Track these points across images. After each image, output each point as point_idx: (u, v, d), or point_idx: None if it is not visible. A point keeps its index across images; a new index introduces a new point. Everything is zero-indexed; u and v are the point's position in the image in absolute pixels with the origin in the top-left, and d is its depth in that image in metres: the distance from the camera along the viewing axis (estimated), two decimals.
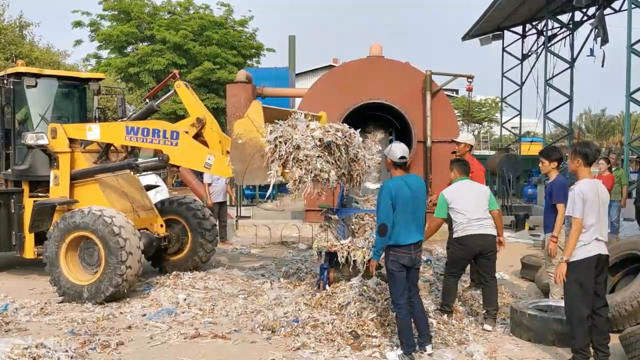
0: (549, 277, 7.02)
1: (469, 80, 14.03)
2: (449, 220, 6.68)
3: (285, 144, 6.45)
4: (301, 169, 6.40)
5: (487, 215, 6.48)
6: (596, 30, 17.76)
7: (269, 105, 7.31)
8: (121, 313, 6.95)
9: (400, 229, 5.36)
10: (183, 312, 6.95)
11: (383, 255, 5.51)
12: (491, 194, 6.72)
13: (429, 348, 5.52)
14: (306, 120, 6.90)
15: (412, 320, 5.52)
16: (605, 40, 17.75)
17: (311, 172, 6.38)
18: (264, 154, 6.49)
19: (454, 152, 8.40)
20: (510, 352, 5.69)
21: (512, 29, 25.15)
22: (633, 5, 14.84)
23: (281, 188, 16.41)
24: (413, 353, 5.36)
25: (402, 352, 5.37)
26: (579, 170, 5.26)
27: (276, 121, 6.77)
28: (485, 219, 6.44)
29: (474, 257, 6.54)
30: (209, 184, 11.61)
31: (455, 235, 6.53)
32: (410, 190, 5.41)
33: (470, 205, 6.44)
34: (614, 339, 5.65)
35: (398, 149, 5.53)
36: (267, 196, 13.09)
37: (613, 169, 11.50)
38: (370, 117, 12.77)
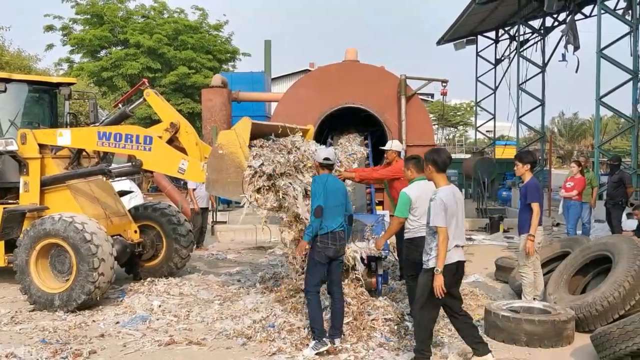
0: (520, 278, 7.12)
1: (444, 84, 14.16)
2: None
3: (264, 175, 6.50)
4: (275, 199, 6.57)
5: None
6: (567, 36, 18.09)
7: (259, 121, 7.33)
8: (94, 321, 6.84)
9: (330, 217, 5.72)
10: (157, 319, 6.87)
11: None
12: None
13: (337, 341, 5.74)
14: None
15: (330, 313, 5.90)
16: (577, 47, 18.09)
17: (285, 201, 6.55)
18: (238, 171, 6.52)
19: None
20: None
21: (486, 34, 25.50)
22: (603, 11, 15.15)
23: None
24: (324, 339, 5.63)
25: (314, 342, 5.62)
26: (434, 177, 5.29)
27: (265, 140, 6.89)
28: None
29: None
30: (194, 189, 11.47)
31: (408, 236, 6.26)
32: (337, 187, 5.91)
33: (425, 207, 6.37)
34: (586, 339, 5.75)
35: (323, 152, 6.00)
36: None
37: (584, 171, 11.70)
38: (348, 119, 12.82)
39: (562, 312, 6.10)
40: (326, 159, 5.92)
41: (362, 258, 6.86)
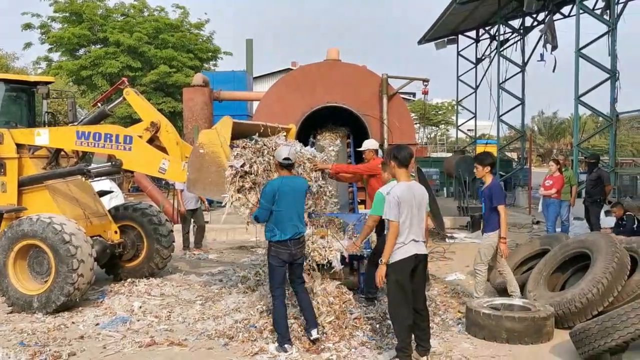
0: (475, 274, 7.23)
1: (425, 83, 14.21)
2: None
3: (246, 175, 6.47)
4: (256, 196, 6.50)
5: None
6: (545, 36, 18.29)
7: (240, 121, 7.29)
8: (73, 323, 6.76)
9: (282, 225, 5.69)
10: (138, 320, 6.81)
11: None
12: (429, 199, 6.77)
13: (314, 332, 5.77)
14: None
15: (300, 309, 5.96)
16: (554, 46, 18.30)
17: None
18: (219, 170, 6.48)
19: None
20: (466, 351, 5.77)
21: (466, 33, 25.70)
22: (581, 11, 15.34)
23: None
24: (286, 345, 5.63)
25: (277, 345, 5.66)
26: (396, 172, 5.41)
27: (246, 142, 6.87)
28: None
29: None
30: (182, 191, 11.26)
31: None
32: (292, 189, 5.79)
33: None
34: (565, 335, 5.81)
35: (284, 151, 5.86)
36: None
37: (563, 169, 11.85)
38: (330, 118, 12.81)
39: (541, 309, 6.16)
40: (286, 158, 5.80)
41: (343, 257, 6.88)
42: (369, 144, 8.25)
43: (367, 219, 6.76)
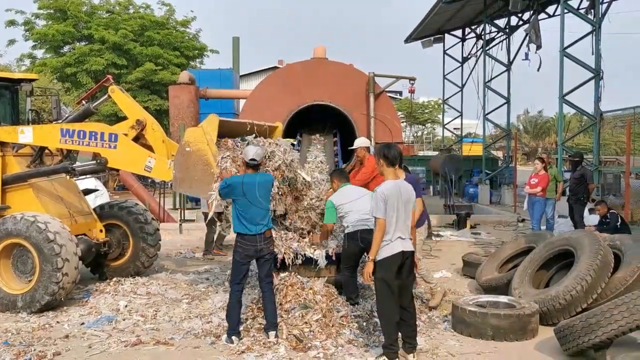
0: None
1: (411, 82, 14.30)
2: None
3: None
4: None
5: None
6: (530, 35, 18.43)
7: (227, 119, 7.27)
8: (58, 322, 6.70)
9: (251, 220, 5.83)
10: (124, 319, 6.77)
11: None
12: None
13: (272, 335, 5.84)
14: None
15: (262, 308, 6.06)
16: (538, 46, 18.45)
17: None
18: (206, 168, 6.46)
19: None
20: (452, 348, 5.81)
21: (453, 32, 25.82)
22: (566, 11, 15.47)
23: None
24: (233, 337, 5.82)
25: (225, 336, 5.85)
26: (384, 171, 5.50)
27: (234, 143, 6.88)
28: (370, 218, 6.42)
29: (363, 250, 6.63)
30: None
31: (346, 231, 6.75)
32: (258, 185, 5.89)
33: (356, 206, 6.72)
34: (549, 332, 5.86)
35: (250, 151, 5.95)
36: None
37: (547, 167, 11.95)
38: (318, 116, 12.81)
39: (526, 306, 6.21)
40: (252, 159, 5.91)
41: (329, 255, 6.91)
42: (361, 142, 8.26)
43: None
